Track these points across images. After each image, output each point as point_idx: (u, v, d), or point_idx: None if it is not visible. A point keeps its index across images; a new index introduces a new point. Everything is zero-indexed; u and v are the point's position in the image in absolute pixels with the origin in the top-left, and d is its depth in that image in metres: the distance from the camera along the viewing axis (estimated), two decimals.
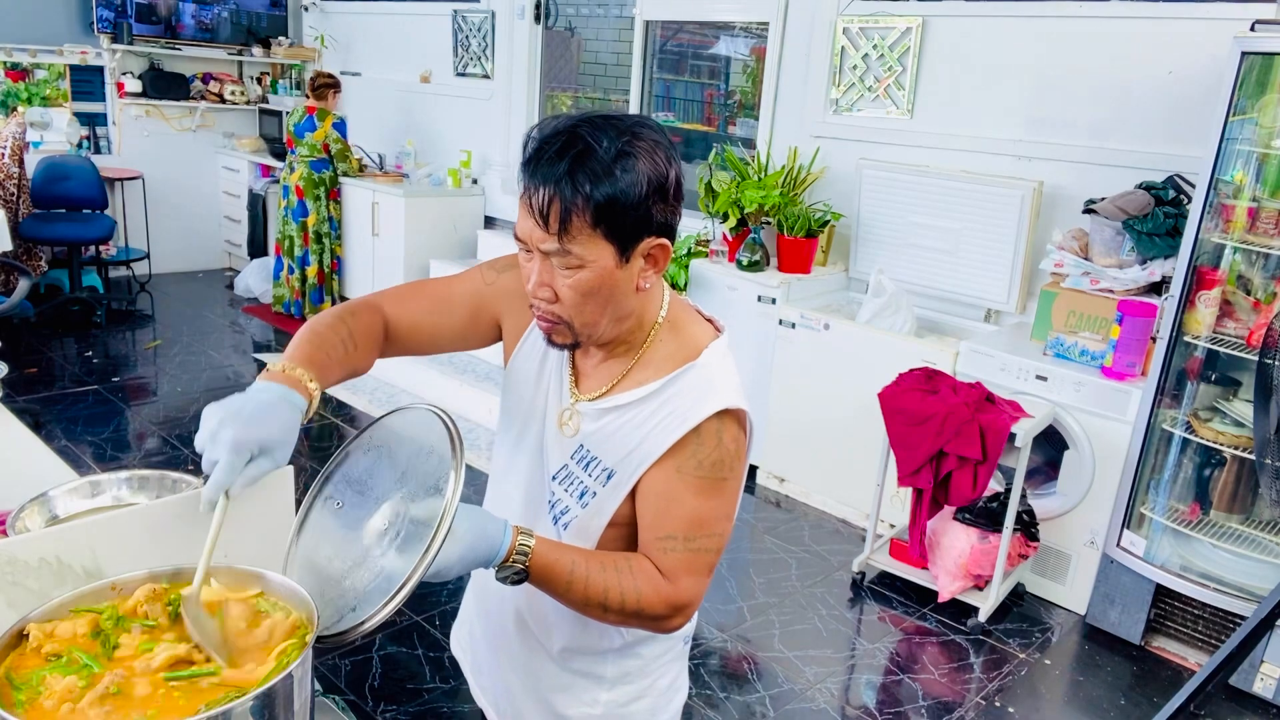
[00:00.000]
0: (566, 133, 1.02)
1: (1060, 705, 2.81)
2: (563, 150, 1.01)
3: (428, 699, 2.59)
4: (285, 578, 0.97)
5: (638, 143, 1.03)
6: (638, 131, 1.04)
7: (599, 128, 1.02)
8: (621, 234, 1.03)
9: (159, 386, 4.75)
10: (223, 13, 6.66)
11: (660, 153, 1.05)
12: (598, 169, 1.00)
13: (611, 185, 1.00)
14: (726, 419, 1.11)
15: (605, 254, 1.04)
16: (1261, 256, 2.84)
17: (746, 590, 3.27)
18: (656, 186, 1.04)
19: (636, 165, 1.02)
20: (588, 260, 1.03)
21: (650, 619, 1.11)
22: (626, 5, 5.06)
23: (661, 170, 1.04)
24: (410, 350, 1.24)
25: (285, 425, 0.98)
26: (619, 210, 1.01)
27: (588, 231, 1.02)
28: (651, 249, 1.07)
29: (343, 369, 1.12)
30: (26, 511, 1.24)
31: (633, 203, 1.02)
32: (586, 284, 1.05)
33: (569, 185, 1.00)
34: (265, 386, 1.00)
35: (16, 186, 5.23)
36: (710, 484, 1.11)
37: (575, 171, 1.00)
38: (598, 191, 1.00)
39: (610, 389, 1.17)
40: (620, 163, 1.01)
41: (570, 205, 1.00)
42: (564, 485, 1.19)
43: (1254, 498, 2.95)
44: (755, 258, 4.00)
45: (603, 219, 1.01)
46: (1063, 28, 3.49)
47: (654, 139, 1.05)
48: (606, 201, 1.01)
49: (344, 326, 1.14)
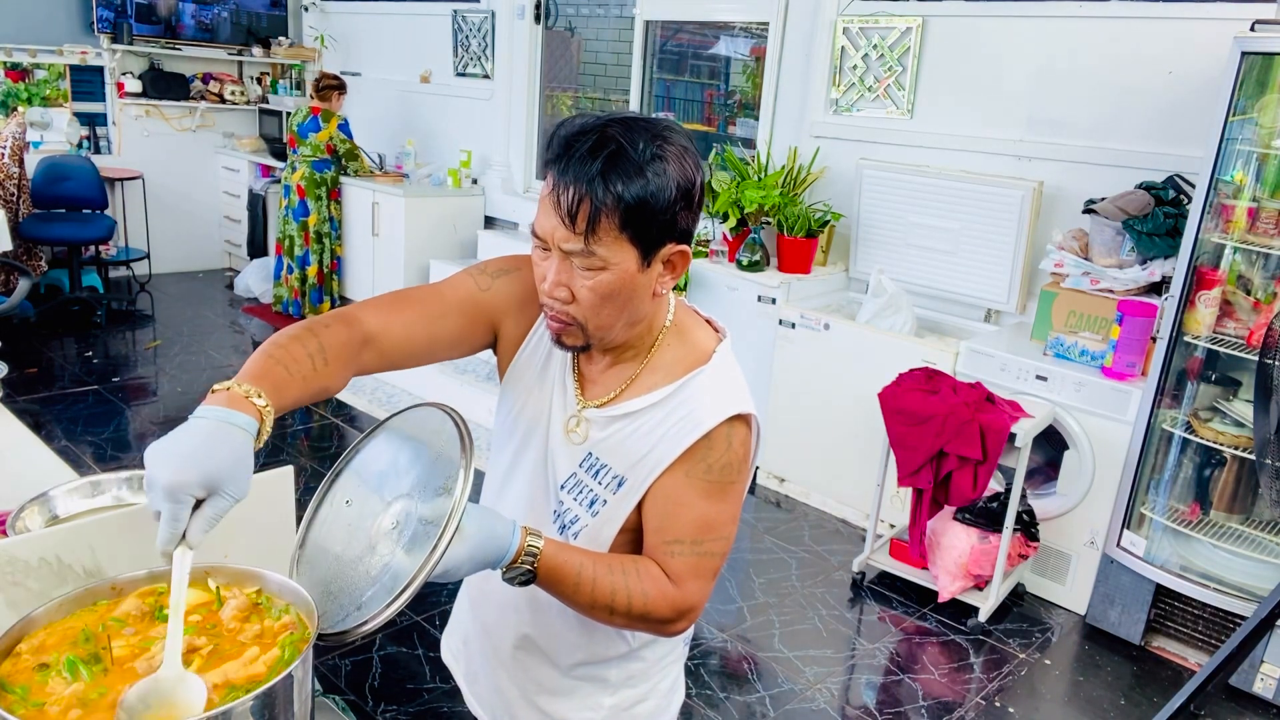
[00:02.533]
0: (597, 131, 1.00)
1: (1060, 705, 2.81)
2: (595, 149, 0.99)
3: (428, 699, 2.59)
4: (284, 577, 0.97)
5: (669, 147, 1.02)
6: (668, 136, 1.03)
7: (631, 129, 1.01)
8: (647, 238, 1.02)
9: (159, 386, 4.75)
10: (223, 13, 6.66)
11: (689, 158, 1.03)
12: (630, 170, 0.98)
13: (643, 188, 0.99)
14: (736, 423, 1.11)
15: (629, 257, 1.02)
16: (1261, 256, 2.84)
17: (746, 590, 3.27)
18: (684, 192, 1.02)
19: (668, 169, 1.01)
20: (611, 263, 1.02)
21: (656, 622, 1.10)
22: (626, 5, 5.06)
23: (690, 176, 1.03)
24: (401, 361, 1.14)
25: (233, 454, 0.87)
26: (647, 214, 1.00)
27: (614, 234, 1.00)
28: (672, 255, 1.06)
29: (307, 386, 1.00)
30: (26, 511, 1.25)
31: (661, 207, 1.00)
32: (607, 286, 1.03)
33: (601, 185, 0.98)
34: (203, 412, 0.89)
35: (16, 186, 5.23)
36: (718, 488, 1.10)
37: (608, 172, 0.98)
38: (629, 194, 0.98)
39: (618, 395, 1.15)
40: (652, 166, 0.99)
41: (600, 206, 0.98)
42: (573, 494, 1.17)
43: (1254, 498, 2.95)
44: (755, 258, 4.00)
45: (630, 222, 1.00)
46: (1063, 28, 3.49)
47: (683, 144, 1.04)
48: (637, 204, 0.99)
49: (313, 340, 1.02)
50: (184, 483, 0.84)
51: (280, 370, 0.98)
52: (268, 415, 0.92)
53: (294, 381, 0.98)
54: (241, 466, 0.87)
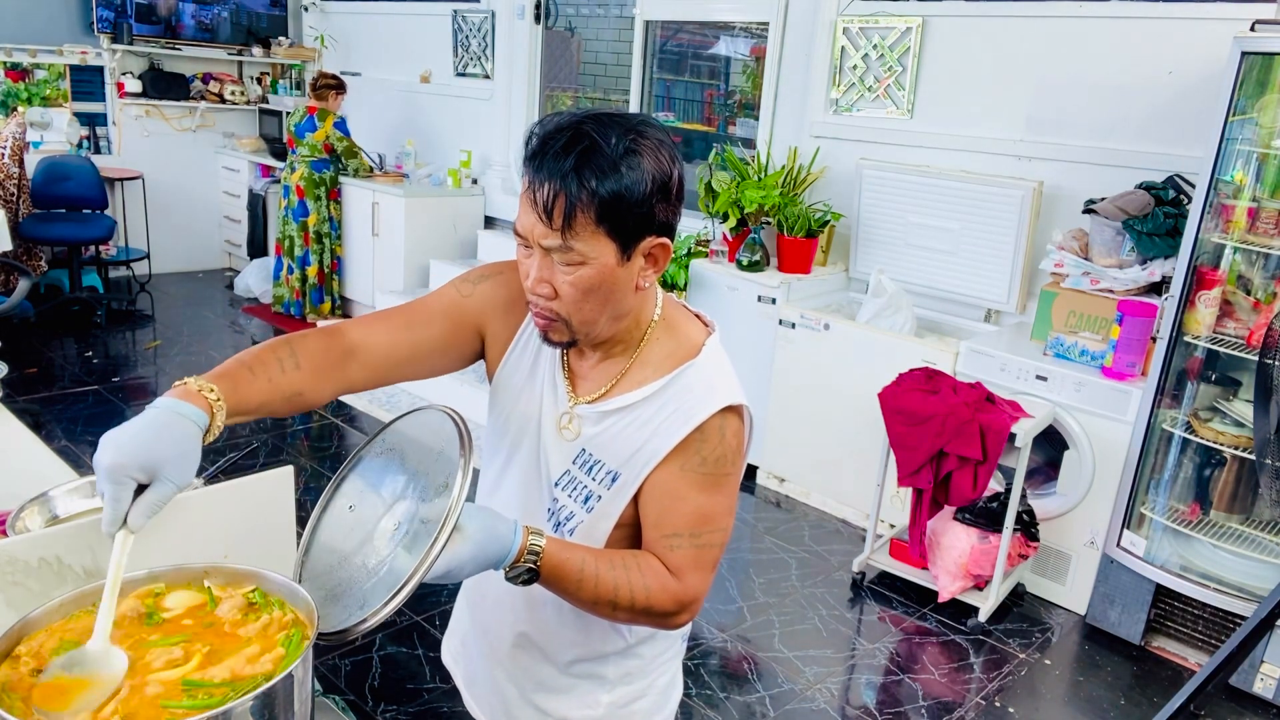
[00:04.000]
0: (571, 129, 1.01)
1: (1060, 705, 2.81)
2: (569, 146, 1.00)
3: (428, 699, 2.59)
4: (284, 577, 0.97)
5: (643, 141, 1.03)
6: (643, 130, 1.04)
7: (605, 125, 1.02)
8: (624, 232, 1.03)
9: (159, 387, 4.74)
10: (223, 13, 6.66)
11: (664, 152, 1.04)
12: (604, 165, 1.00)
13: (617, 182, 1.00)
14: (729, 415, 1.12)
15: (607, 251, 1.03)
16: (1261, 256, 2.84)
17: (746, 590, 3.27)
18: (660, 185, 1.03)
19: (642, 163, 1.02)
20: (589, 257, 1.03)
21: (658, 615, 1.11)
22: (626, 5, 5.06)
23: (665, 169, 1.04)
24: (388, 372, 1.16)
25: (176, 443, 0.91)
26: (623, 208, 1.01)
27: (591, 228, 1.01)
28: (652, 248, 1.07)
29: (273, 390, 1.03)
30: (26, 511, 1.25)
31: (637, 201, 1.02)
32: (587, 281, 1.04)
33: (575, 181, 0.99)
34: (156, 404, 0.93)
35: (16, 186, 5.23)
36: (713, 480, 1.11)
37: (581, 168, 0.99)
38: (603, 188, 1.00)
39: (609, 390, 1.16)
40: (626, 160, 1.01)
41: (575, 201, 1.00)
42: (567, 491, 1.18)
43: (1254, 498, 2.95)
44: (755, 258, 4.00)
45: (607, 216, 1.01)
46: (1063, 28, 3.49)
47: (658, 138, 1.05)
48: (612, 198, 1.00)
49: (285, 348, 1.07)
50: (123, 465, 0.89)
51: (243, 371, 1.02)
52: (219, 410, 0.96)
53: (256, 382, 1.02)
54: (184, 455, 0.91)
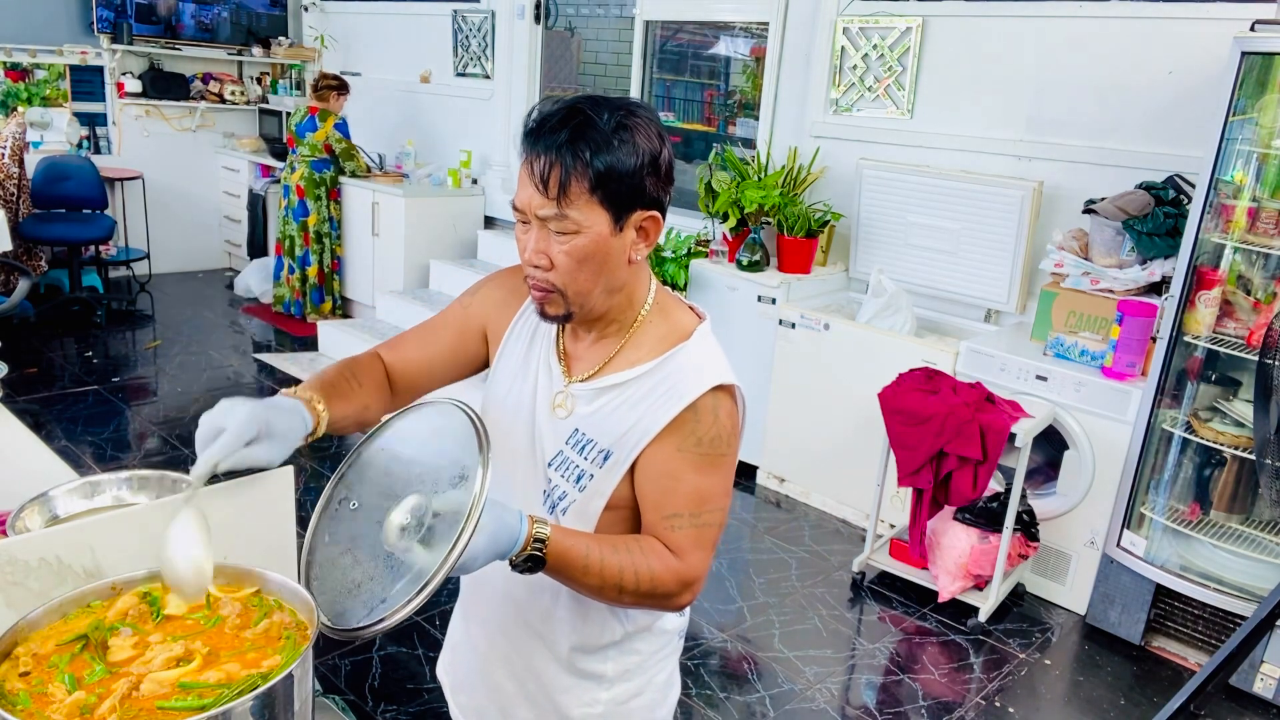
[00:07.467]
0: (567, 107, 1.09)
1: (1060, 705, 2.81)
2: (564, 121, 1.07)
3: (428, 699, 2.59)
4: (284, 577, 0.97)
5: (634, 119, 1.09)
6: (634, 109, 1.11)
7: (598, 104, 1.09)
8: (617, 202, 1.09)
9: (159, 386, 4.75)
10: (223, 13, 6.66)
11: (654, 130, 1.11)
12: (597, 138, 1.06)
13: (609, 154, 1.06)
14: (721, 395, 1.15)
15: (601, 221, 1.09)
16: (1261, 256, 2.84)
17: (746, 590, 3.27)
18: (650, 160, 1.10)
19: (634, 138, 1.08)
20: (584, 226, 1.08)
21: (663, 596, 1.13)
22: (626, 5, 5.06)
23: (655, 146, 1.10)
24: (416, 388, 1.30)
25: (291, 425, 1.04)
26: (615, 178, 1.07)
27: (585, 197, 1.07)
28: (644, 221, 1.13)
29: (351, 403, 1.18)
30: (26, 511, 1.24)
31: (628, 172, 1.08)
32: (581, 250, 1.09)
33: (570, 152, 1.06)
34: (278, 395, 1.07)
35: (16, 186, 5.23)
36: (710, 460, 1.14)
37: (576, 140, 1.06)
38: (597, 159, 1.06)
39: (602, 368, 1.20)
40: (618, 134, 1.07)
41: (570, 170, 1.06)
42: (560, 471, 1.20)
43: (1254, 498, 2.95)
44: (755, 258, 4.00)
45: (600, 185, 1.07)
46: (1063, 28, 3.49)
47: (648, 118, 1.12)
48: (605, 168, 1.06)
49: (346, 368, 1.22)
50: (260, 416, 1.00)
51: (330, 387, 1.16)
52: (323, 418, 1.10)
53: (340, 398, 1.16)
54: (293, 439, 1.04)
